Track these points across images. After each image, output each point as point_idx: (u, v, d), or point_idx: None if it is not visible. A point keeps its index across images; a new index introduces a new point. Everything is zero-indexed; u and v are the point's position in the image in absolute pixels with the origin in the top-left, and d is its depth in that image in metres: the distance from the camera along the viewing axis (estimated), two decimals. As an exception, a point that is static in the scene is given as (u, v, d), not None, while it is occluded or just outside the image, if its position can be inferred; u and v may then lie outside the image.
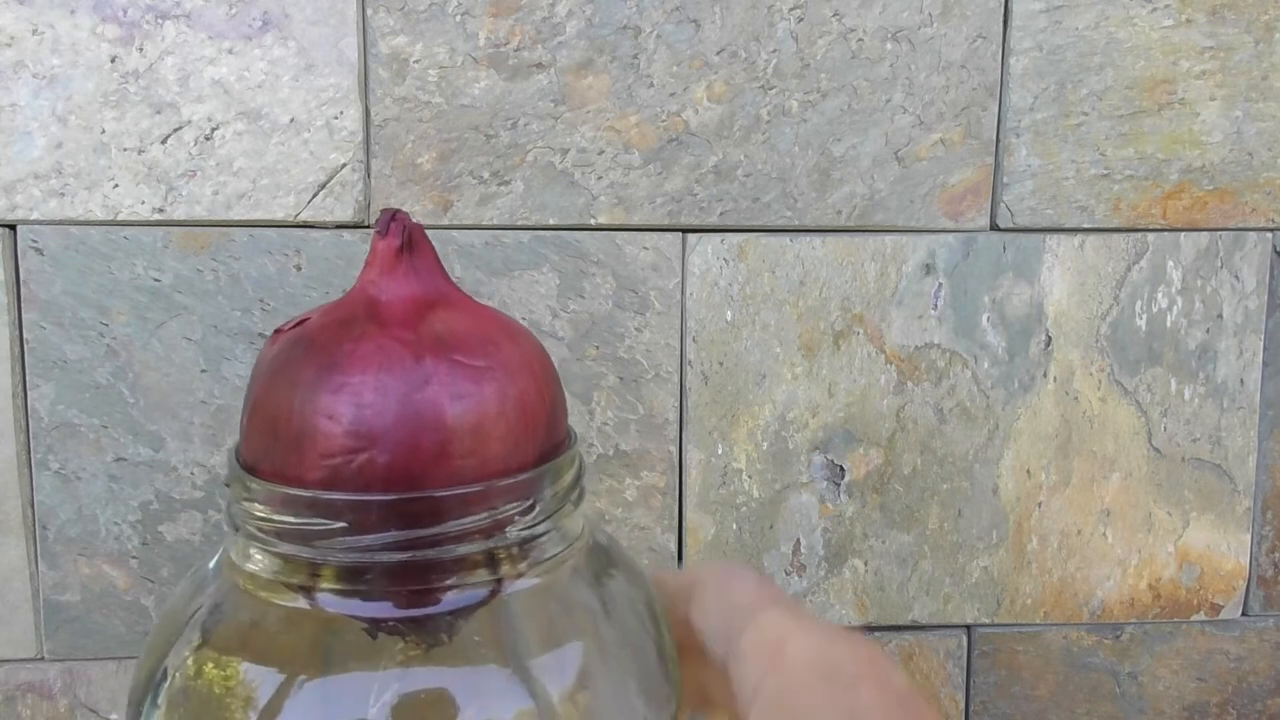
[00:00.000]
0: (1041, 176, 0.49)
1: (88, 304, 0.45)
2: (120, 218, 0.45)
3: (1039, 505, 0.51)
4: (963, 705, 0.53)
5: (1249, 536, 0.53)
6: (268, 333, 0.46)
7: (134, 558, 0.47)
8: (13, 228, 0.45)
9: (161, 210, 0.45)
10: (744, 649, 0.23)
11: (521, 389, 0.22)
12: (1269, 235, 0.51)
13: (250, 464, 0.22)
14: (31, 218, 0.45)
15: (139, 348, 0.46)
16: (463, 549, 0.21)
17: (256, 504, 0.21)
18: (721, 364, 0.49)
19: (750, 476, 0.50)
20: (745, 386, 0.49)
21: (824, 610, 0.51)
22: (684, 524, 0.50)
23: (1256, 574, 0.53)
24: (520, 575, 0.22)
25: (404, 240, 0.23)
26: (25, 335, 0.45)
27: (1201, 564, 0.53)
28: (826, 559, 0.51)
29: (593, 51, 0.46)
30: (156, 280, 0.46)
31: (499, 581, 0.22)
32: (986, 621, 0.52)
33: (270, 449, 0.22)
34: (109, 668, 0.48)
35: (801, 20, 0.47)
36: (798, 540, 0.50)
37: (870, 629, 0.52)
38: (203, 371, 0.46)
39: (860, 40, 0.47)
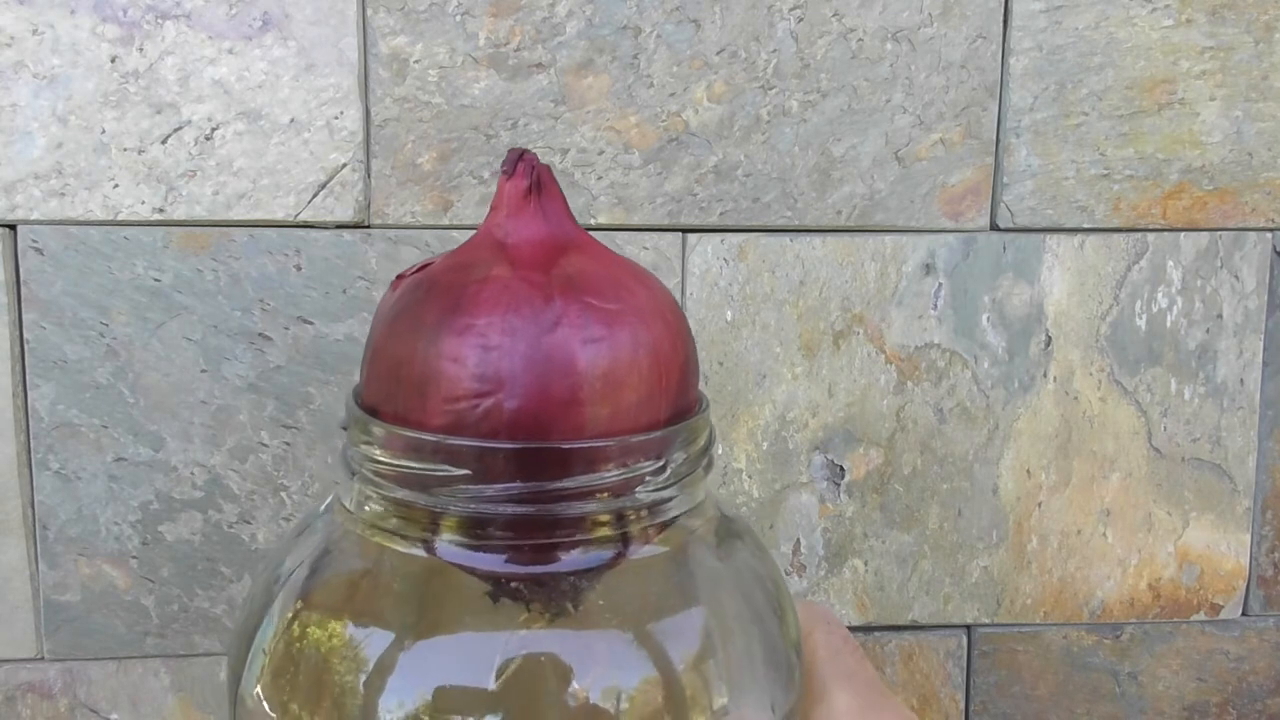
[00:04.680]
0: (1041, 176, 0.49)
1: (88, 304, 0.45)
2: (120, 218, 0.45)
3: (1039, 505, 0.51)
4: (963, 705, 0.53)
5: (1249, 536, 0.53)
6: (268, 333, 0.46)
7: (134, 558, 0.47)
8: (13, 228, 0.45)
9: (161, 210, 0.45)
10: None
11: (656, 336, 0.21)
12: (1269, 235, 0.51)
13: (371, 407, 0.21)
14: (31, 218, 0.45)
15: (139, 348, 0.46)
16: (589, 506, 0.20)
17: (376, 448, 0.20)
18: (721, 364, 0.49)
19: (750, 476, 0.50)
20: (745, 386, 0.49)
21: (824, 610, 0.51)
22: (684, 524, 0.50)
23: (1256, 574, 0.53)
24: (647, 539, 0.21)
25: (532, 181, 0.22)
26: (25, 335, 0.45)
27: (1201, 564, 0.53)
28: (826, 559, 0.51)
29: (593, 51, 0.46)
30: (156, 280, 0.46)
31: (625, 543, 0.21)
32: (986, 621, 0.52)
33: (392, 393, 0.20)
34: (109, 668, 0.48)
35: (801, 20, 0.47)
36: (798, 540, 0.50)
37: (870, 629, 0.52)
38: (203, 371, 0.46)
39: (860, 40, 0.47)
